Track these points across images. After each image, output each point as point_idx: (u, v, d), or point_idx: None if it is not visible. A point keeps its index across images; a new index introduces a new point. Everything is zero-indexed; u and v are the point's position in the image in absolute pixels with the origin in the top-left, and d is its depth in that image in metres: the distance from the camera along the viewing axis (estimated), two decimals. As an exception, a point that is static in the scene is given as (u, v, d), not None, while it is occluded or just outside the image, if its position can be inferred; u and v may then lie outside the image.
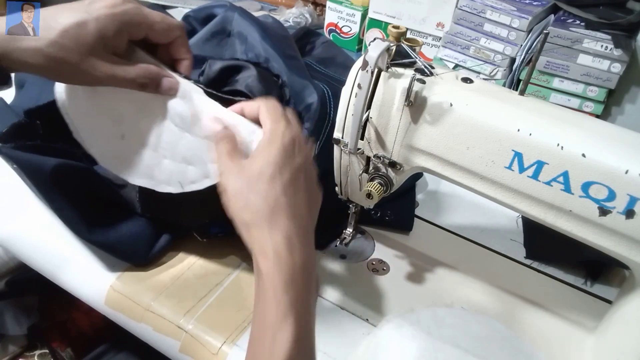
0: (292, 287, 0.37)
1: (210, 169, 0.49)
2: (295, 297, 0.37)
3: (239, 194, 0.40)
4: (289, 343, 0.36)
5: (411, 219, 0.69)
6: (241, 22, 0.67)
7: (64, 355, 0.94)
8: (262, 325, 0.38)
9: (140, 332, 0.56)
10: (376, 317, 0.56)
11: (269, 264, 0.38)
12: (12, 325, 0.91)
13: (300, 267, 0.38)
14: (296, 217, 0.39)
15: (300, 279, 0.38)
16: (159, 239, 0.60)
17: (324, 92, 0.68)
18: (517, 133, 0.45)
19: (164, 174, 0.51)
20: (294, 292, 0.37)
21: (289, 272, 0.38)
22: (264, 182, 0.39)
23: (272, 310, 0.37)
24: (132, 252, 0.58)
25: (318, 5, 1.25)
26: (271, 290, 0.37)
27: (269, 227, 0.38)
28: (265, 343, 0.37)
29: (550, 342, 0.56)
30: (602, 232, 0.45)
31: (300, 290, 0.38)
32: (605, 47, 0.82)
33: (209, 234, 0.61)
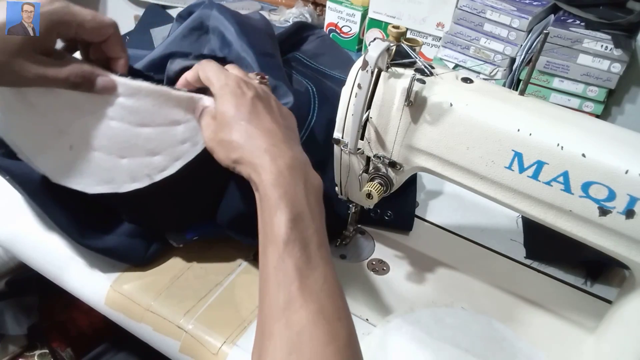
0: (279, 184, 0.42)
1: (180, 150, 0.50)
2: (283, 191, 0.41)
3: (220, 144, 0.46)
4: (284, 223, 0.40)
5: (411, 219, 0.69)
6: (218, 18, 0.67)
7: (64, 355, 0.94)
8: (261, 225, 0.42)
9: (140, 332, 0.56)
10: (376, 317, 0.56)
11: (259, 176, 0.42)
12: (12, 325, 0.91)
13: (286, 167, 0.43)
14: (270, 133, 0.45)
15: (287, 177, 0.42)
16: (155, 239, 0.60)
17: (308, 89, 0.68)
18: (517, 133, 0.45)
19: (125, 173, 0.50)
20: (282, 187, 0.42)
21: (275, 173, 0.42)
22: (232, 125, 0.45)
23: (266, 208, 0.42)
24: (129, 253, 0.58)
25: (318, 5, 1.25)
26: (264, 195, 0.42)
27: (251, 153, 0.44)
28: (265, 232, 0.41)
29: (550, 342, 0.56)
30: (602, 232, 0.45)
31: (288, 185, 0.42)
32: (605, 47, 0.82)
33: (185, 239, 0.60)
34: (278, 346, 0.37)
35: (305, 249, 0.40)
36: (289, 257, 0.40)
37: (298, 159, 0.44)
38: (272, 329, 0.38)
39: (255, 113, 0.46)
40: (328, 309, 0.39)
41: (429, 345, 0.54)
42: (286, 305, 0.38)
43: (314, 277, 0.40)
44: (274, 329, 0.38)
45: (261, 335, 0.39)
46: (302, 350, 0.37)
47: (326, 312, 0.38)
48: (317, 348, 0.37)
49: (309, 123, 0.64)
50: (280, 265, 0.39)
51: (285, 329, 0.37)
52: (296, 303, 0.38)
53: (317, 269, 0.40)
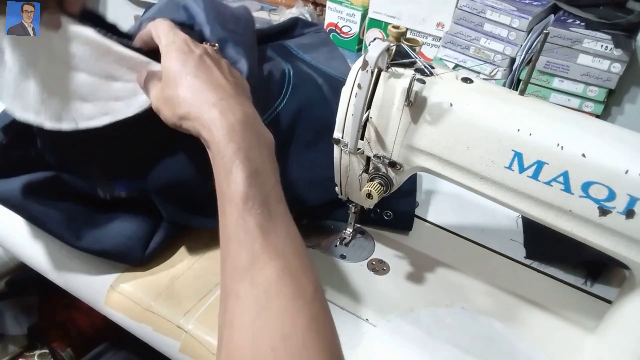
0: (232, 139, 0.41)
1: (111, 106, 0.50)
2: (237, 146, 0.41)
3: (165, 102, 0.45)
4: (241, 180, 0.39)
5: (411, 219, 0.69)
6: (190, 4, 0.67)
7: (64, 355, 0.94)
8: (217, 183, 0.41)
9: (140, 332, 0.56)
10: (376, 317, 0.56)
11: (210, 132, 0.42)
12: (12, 325, 0.91)
13: (238, 122, 0.42)
14: (218, 88, 0.44)
15: (240, 132, 0.41)
16: (153, 237, 0.60)
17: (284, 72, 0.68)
18: (517, 133, 0.45)
19: (53, 110, 0.49)
20: (235, 143, 0.41)
21: (226, 128, 0.41)
22: (177, 80, 0.44)
23: (221, 165, 0.41)
24: (126, 254, 0.58)
25: (318, 5, 1.26)
26: (217, 152, 0.41)
27: (199, 108, 0.43)
28: (222, 190, 0.40)
29: (550, 342, 0.56)
30: (602, 232, 0.45)
31: (241, 140, 0.41)
32: (605, 47, 0.82)
33: (114, 191, 0.58)
34: (246, 306, 0.36)
35: (265, 205, 0.39)
36: (249, 214, 0.39)
37: (249, 113, 0.44)
38: (238, 290, 0.37)
39: (203, 67, 0.45)
40: (293, 264, 0.38)
41: (429, 345, 0.54)
42: (250, 264, 0.37)
43: (276, 233, 0.39)
44: (239, 290, 0.37)
45: (226, 297, 0.38)
46: (270, 307, 0.36)
47: (291, 267, 0.38)
48: (285, 304, 0.36)
49: (276, 107, 0.64)
50: (241, 223, 0.39)
51: (251, 288, 0.37)
52: (260, 261, 0.37)
53: (278, 224, 0.40)
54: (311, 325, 0.36)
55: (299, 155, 0.65)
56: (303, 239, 0.65)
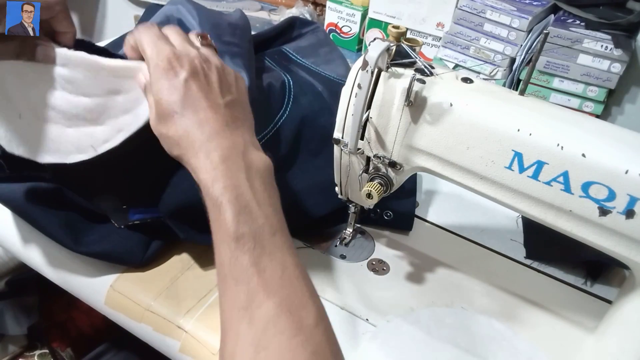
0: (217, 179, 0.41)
1: (122, 121, 0.49)
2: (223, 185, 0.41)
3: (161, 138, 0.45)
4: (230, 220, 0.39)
5: (411, 218, 0.69)
6: (182, 10, 0.67)
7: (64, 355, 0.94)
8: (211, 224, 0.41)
9: (140, 332, 0.56)
10: (376, 317, 0.56)
11: (198, 176, 0.42)
12: (12, 325, 0.91)
13: (221, 160, 0.42)
14: (203, 124, 0.43)
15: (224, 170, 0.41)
16: (153, 240, 0.60)
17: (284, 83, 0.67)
18: (517, 133, 0.45)
19: (70, 143, 0.49)
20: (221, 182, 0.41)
21: (210, 171, 0.41)
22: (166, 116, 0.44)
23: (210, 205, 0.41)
24: (126, 256, 0.58)
25: (318, 5, 1.26)
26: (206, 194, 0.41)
27: (186, 150, 0.43)
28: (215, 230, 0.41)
29: (550, 342, 0.56)
30: (602, 232, 0.45)
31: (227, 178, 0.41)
32: (605, 47, 0.82)
33: (128, 220, 0.58)
34: (245, 346, 0.36)
35: (257, 241, 0.39)
36: (242, 253, 0.39)
37: (236, 146, 0.43)
38: (238, 329, 0.37)
39: (189, 101, 0.44)
40: (291, 299, 0.38)
41: (429, 345, 0.54)
42: (247, 303, 0.37)
43: (271, 268, 0.39)
44: (239, 329, 0.37)
45: (225, 334, 0.38)
46: (269, 346, 0.36)
47: (289, 302, 0.38)
48: (284, 341, 0.36)
49: (277, 120, 0.64)
50: (235, 262, 0.39)
51: (249, 328, 0.37)
52: (257, 299, 0.37)
53: (273, 259, 0.39)
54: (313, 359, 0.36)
55: (305, 164, 0.66)
56: (303, 239, 0.65)
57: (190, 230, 0.57)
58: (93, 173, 0.53)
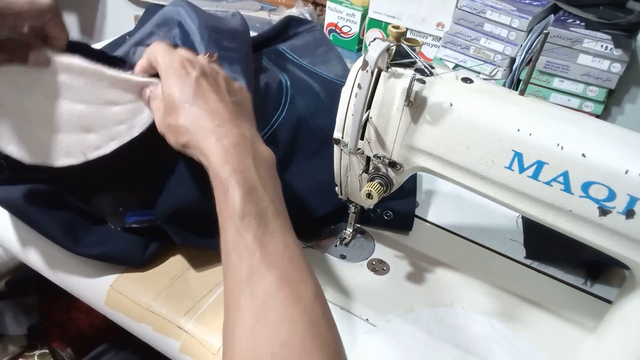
0: (228, 161, 0.43)
1: (116, 131, 0.50)
2: (232, 168, 0.42)
3: (168, 129, 0.47)
4: (237, 198, 0.41)
5: (411, 218, 0.69)
6: (182, 13, 0.68)
7: (64, 355, 0.94)
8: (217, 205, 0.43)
9: (140, 332, 0.56)
10: (376, 317, 0.56)
11: (207, 159, 0.43)
12: (12, 325, 0.91)
13: (232, 145, 0.43)
14: (215, 114, 0.45)
15: (235, 154, 0.43)
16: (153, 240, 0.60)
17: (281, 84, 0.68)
18: (517, 133, 0.45)
19: (60, 148, 0.50)
20: (231, 164, 0.42)
21: (221, 153, 0.43)
22: (177, 108, 0.46)
23: (219, 186, 0.42)
24: (126, 257, 0.58)
25: (318, 5, 1.26)
26: (215, 176, 0.43)
27: (197, 136, 0.44)
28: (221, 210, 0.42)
29: (550, 342, 0.56)
30: (602, 232, 0.45)
31: (237, 161, 0.43)
32: (605, 47, 0.82)
33: (125, 223, 0.59)
34: (245, 316, 0.38)
35: (262, 220, 0.41)
36: (247, 230, 0.40)
37: (244, 135, 0.45)
38: (239, 301, 0.38)
39: (200, 93, 0.46)
40: (291, 273, 0.40)
41: (429, 345, 0.54)
42: (249, 276, 0.39)
43: (273, 244, 0.40)
44: (240, 301, 0.38)
45: (228, 309, 0.40)
46: (269, 315, 0.37)
47: (289, 276, 0.39)
48: (282, 310, 0.37)
49: (275, 120, 0.64)
50: (239, 239, 0.40)
51: (250, 299, 0.38)
52: (258, 273, 0.39)
53: (276, 236, 0.41)
54: (310, 330, 0.37)
55: (302, 165, 0.66)
56: (303, 239, 0.65)
57: (186, 234, 0.57)
58: (88, 176, 0.53)
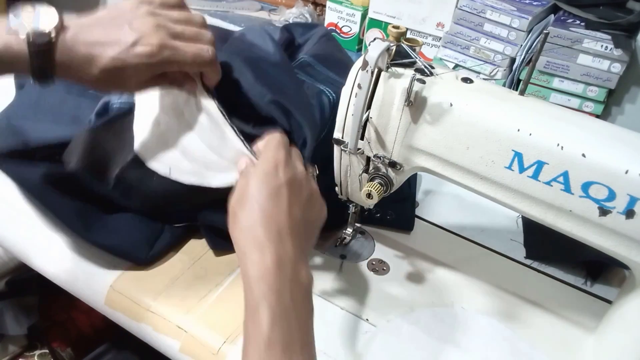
0: (264, 279, 0.41)
1: (201, 173, 0.55)
2: (267, 287, 0.41)
3: (231, 215, 0.46)
4: (266, 322, 0.40)
5: (412, 218, 0.69)
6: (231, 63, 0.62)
7: (64, 355, 0.94)
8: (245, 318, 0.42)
9: (140, 332, 0.56)
10: (376, 317, 0.56)
11: (246, 267, 0.43)
12: (12, 325, 0.91)
13: (274, 263, 0.42)
14: (275, 223, 0.44)
15: (274, 274, 0.42)
16: (159, 239, 0.60)
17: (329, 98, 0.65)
18: (517, 133, 0.45)
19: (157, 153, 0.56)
20: (266, 284, 0.41)
21: (261, 269, 0.42)
22: (245, 202, 0.45)
23: (249, 302, 0.42)
24: (132, 252, 0.58)
25: (318, 5, 1.25)
26: (248, 288, 0.42)
27: (246, 238, 0.44)
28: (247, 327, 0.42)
29: (550, 342, 0.56)
30: (602, 232, 0.45)
31: (273, 282, 0.41)
32: (605, 47, 0.82)
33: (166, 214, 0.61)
34: None
35: (287, 351, 0.39)
36: (270, 358, 0.39)
37: (290, 257, 0.43)
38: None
39: (275, 199, 0.45)
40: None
41: (429, 345, 0.54)
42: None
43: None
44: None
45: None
46: None
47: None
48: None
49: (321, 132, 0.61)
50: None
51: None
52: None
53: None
54: None
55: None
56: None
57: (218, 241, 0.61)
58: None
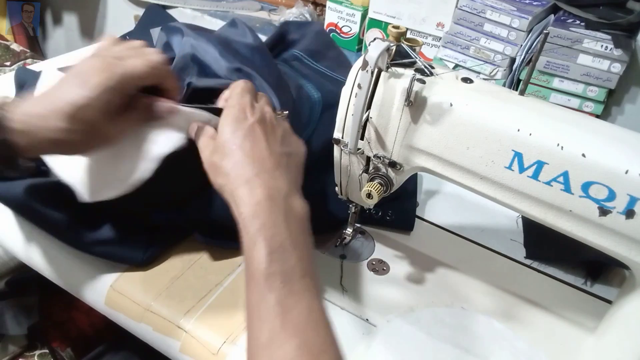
0: (257, 215, 0.42)
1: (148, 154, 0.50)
2: (261, 223, 0.41)
3: (210, 167, 0.46)
4: (263, 257, 0.40)
5: (412, 219, 0.69)
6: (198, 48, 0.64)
7: (64, 355, 0.94)
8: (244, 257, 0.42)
9: (140, 332, 0.56)
10: (376, 317, 0.56)
11: (238, 209, 0.43)
12: (12, 325, 0.91)
13: (265, 198, 0.42)
14: (256, 162, 0.45)
15: (266, 208, 0.42)
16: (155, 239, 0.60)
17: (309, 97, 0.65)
18: (517, 133, 0.45)
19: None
20: (260, 219, 0.41)
21: (252, 205, 0.42)
22: (223, 149, 0.46)
23: (246, 240, 0.42)
24: (128, 255, 0.58)
25: (318, 5, 1.26)
26: (243, 228, 0.42)
27: (234, 180, 0.44)
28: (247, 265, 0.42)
29: (550, 342, 0.56)
30: (602, 232, 0.45)
31: (267, 216, 0.42)
32: (605, 47, 0.82)
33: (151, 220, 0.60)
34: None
35: (287, 282, 0.39)
36: (270, 291, 0.39)
37: (280, 188, 0.44)
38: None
39: (251, 138, 0.45)
40: (312, 342, 0.38)
41: (429, 345, 0.54)
42: (269, 342, 0.37)
43: (297, 309, 0.39)
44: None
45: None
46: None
47: (310, 345, 0.38)
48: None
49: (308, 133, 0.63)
50: (261, 300, 0.39)
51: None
52: (279, 339, 0.37)
53: (301, 301, 0.39)
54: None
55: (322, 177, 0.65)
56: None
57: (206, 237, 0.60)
58: None
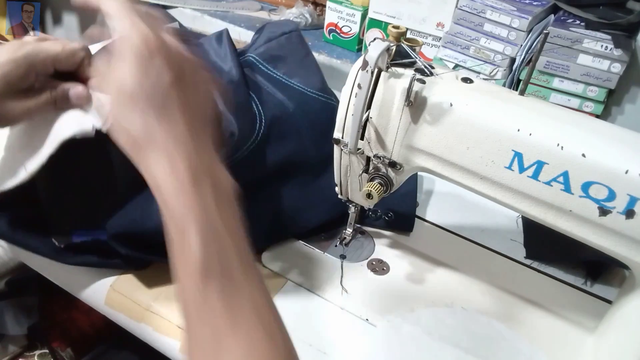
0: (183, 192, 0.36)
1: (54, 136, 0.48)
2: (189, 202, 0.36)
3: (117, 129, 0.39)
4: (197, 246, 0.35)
5: (412, 219, 0.69)
6: None
7: (64, 355, 0.94)
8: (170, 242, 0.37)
9: (140, 332, 0.56)
10: (376, 317, 0.56)
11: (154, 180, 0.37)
12: (12, 325, 0.91)
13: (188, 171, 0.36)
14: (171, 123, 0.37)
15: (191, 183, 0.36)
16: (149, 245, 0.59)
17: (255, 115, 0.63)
18: (517, 133, 0.45)
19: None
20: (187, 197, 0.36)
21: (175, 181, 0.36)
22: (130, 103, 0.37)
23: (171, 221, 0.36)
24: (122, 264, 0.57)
25: (318, 5, 1.25)
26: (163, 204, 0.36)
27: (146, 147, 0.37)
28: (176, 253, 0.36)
29: (550, 342, 0.56)
30: (602, 232, 0.45)
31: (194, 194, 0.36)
32: (605, 47, 0.82)
33: (69, 240, 0.57)
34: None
35: (226, 273, 0.35)
36: (210, 289, 0.34)
37: (203, 160, 0.37)
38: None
39: (161, 90, 0.37)
40: (260, 335, 0.35)
41: (429, 345, 0.54)
42: (215, 344, 0.34)
43: (240, 303, 0.35)
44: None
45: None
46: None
47: (258, 339, 0.34)
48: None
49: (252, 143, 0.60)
50: (201, 301, 0.34)
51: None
52: (225, 342, 0.34)
53: (243, 292, 0.35)
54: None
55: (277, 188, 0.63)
56: (303, 239, 0.65)
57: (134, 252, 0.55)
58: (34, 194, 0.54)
